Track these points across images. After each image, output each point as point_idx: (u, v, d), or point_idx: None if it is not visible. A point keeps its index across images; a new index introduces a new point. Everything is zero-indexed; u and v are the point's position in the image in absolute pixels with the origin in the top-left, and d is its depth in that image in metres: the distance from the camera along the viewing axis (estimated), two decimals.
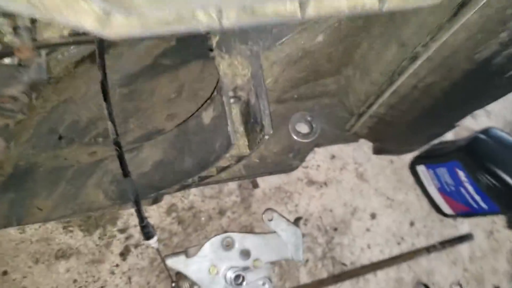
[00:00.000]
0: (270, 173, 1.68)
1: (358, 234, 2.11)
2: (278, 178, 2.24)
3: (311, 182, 2.28)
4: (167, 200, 2.15)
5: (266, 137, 0.91)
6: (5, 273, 1.99)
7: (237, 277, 1.71)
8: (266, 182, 2.24)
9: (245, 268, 1.78)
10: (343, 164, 2.33)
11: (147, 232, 1.38)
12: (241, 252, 1.64)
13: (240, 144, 1.08)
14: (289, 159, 1.68)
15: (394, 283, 2.20)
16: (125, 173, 1.04)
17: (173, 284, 1.87)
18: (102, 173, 1.78)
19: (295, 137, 1.68)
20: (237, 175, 1.68)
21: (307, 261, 2.20)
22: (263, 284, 1.87)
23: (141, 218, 1.15)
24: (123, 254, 2.08)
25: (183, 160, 1.18)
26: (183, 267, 1.83)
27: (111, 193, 1.88)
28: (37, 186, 1.97)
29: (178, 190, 1.35)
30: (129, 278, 2.06)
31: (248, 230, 2.13)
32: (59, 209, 1.92)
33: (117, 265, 2.07)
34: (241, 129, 1.02)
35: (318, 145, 1.73)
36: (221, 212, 2.14)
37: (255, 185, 2.23)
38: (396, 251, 2.15)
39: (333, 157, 2.31)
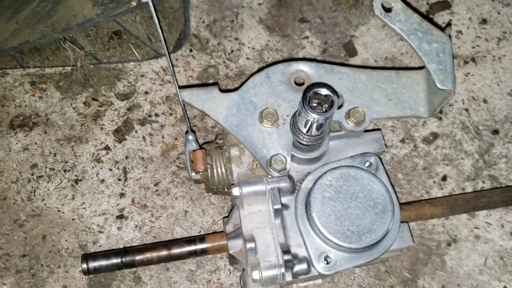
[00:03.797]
0: None
1: None
2: (392, 46, 1.46)
3: None
4: (199, 58, 1.41)
5: None
6: None
7: (319, 102, 0.89)
8: (370, 49, 1.45)
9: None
10: (502, 33, 1.50)
11: None
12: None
13: None
14: None
15: None
16: None
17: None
18: None
19: None
20: None
21: (444, 179, 1.32)
22: (368, 164, 1.03)
23: None
24: (120, 133, 1.33)
25: None
26: (212, 109, 1.05)
27: None
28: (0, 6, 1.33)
29: None
30: (124, 172, 1.29)
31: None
32: (22, 33, 1.26)
33: (107, 148, 1.31)
34: None
35: None
36: None
37: (351, 52, 1.45)
38: None
39: (483, 21, 1.50)
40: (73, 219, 1.24)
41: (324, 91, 0.90)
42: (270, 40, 1.45)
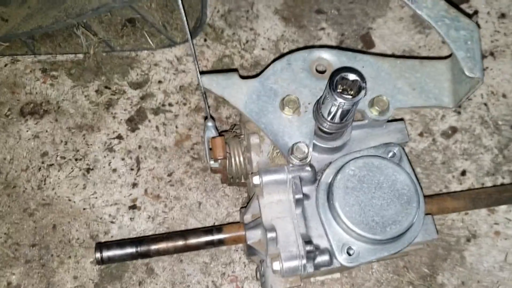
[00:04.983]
0: None
1: None
2: (410, 38, 1.43)
3: None
4: (214, 48, 1.39)
5: None
6: None
7: (344, 86, 0.86)
8: (387, 41, 1.43)
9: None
10: None
11: None
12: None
13: None
14: None
15: None
16: None
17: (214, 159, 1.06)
18: None
19: None
20: None
21: (463, 173, 1.30)
22: (391, 154, 1.01)
23: None
24: (133, 122, 1.30)
25: None
26: (231, 95, 1.02)
27: None
28: None
29: None
30: (137, 161, 1.26)
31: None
32: (34, 18, 1.23)
33: (119, 138, 1.29)
34: None
35: None
36: None
37: (368, 44, 1.43)
38: None
39: (502, 16, 1.48)
40: (84, 209, 1.21)
41: (352, 76, 0.87)
42: (286, 31, 1.43)
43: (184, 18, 0.86)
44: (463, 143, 1.32)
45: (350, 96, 0.87)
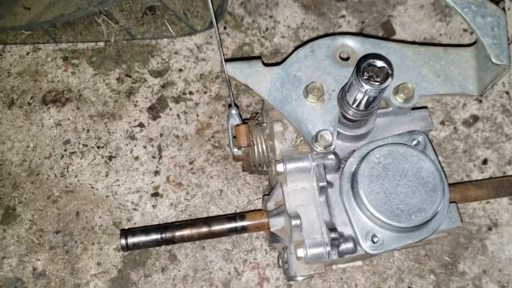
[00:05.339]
0: None
1: None
2: (431, 26, 1.41)
3: None
4: (234, 36, 1.38)
5: None
6: None
7: (372, 73, 0.85)
8: (408, 29, 1.41)
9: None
10: None
11: None
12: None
13: None
14: None
15: None
16: None
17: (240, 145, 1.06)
18: None
19: None
20: None
21: (485, 162, 1.29)
22: (415, 142, 1.00)
23: None
24: (154, 110, 1.30)
25: None
26: (255, 83, 1.02)
27: None
28: None
29: None
30: (159, 149, 1.27)
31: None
32: (56, 6, 1.23)
33: (141, 125, 1.29)
34: None
35: None
36: None
37: (389, 31, 1.41)
38: None
39: None
40: (107, 196, 1.22)
41: (379, 63, 0.86)
42: (306, 19, 1.42)
43: (210, 5, 0.86)
44: (485, 132, 1.31)
45: (378, 83, 0.86)
